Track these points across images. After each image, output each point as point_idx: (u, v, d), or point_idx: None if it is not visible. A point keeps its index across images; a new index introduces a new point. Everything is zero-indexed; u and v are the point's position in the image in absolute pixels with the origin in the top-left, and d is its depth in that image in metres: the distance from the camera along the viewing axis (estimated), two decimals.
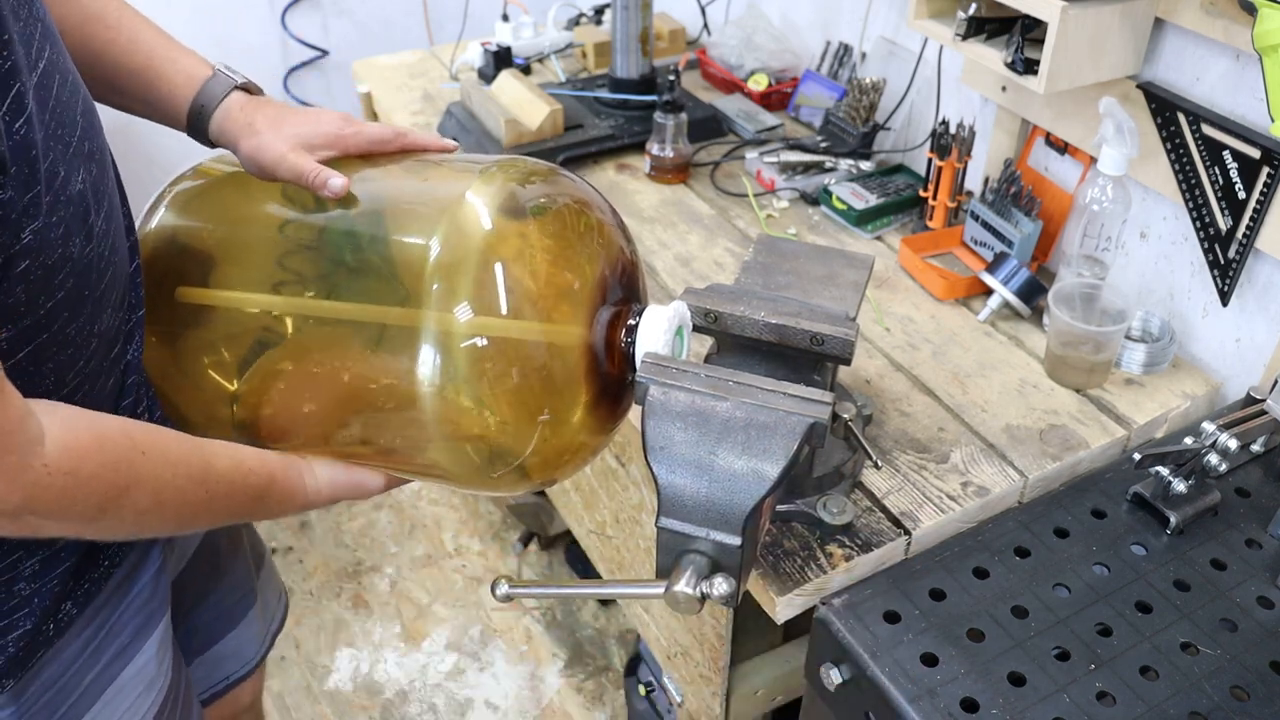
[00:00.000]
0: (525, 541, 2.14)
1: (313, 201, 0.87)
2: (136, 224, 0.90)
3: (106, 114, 0.97)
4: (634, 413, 0.96)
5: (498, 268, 0.78)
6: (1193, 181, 1.20)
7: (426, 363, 0.78)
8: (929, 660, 0.88)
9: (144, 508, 0.68)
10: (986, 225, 1.41)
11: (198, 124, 0.86)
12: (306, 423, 0.86)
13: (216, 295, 0.87)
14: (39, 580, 0.75)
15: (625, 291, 0.89)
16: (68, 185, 0.67)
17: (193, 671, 1.08)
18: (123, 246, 0.77)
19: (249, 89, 0.88)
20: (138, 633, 0.86)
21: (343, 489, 0.84)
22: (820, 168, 1.62)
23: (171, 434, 0.72)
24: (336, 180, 0.82)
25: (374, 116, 2.02)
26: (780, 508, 1.02)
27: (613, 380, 0.88)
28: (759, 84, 1.84)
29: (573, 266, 0.83)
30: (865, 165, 1.61)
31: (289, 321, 0.84)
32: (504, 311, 0.78)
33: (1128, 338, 1.25)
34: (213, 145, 0.88)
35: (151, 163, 2.36)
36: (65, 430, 0.63)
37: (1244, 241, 1.17)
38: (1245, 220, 1.15)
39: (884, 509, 1.06)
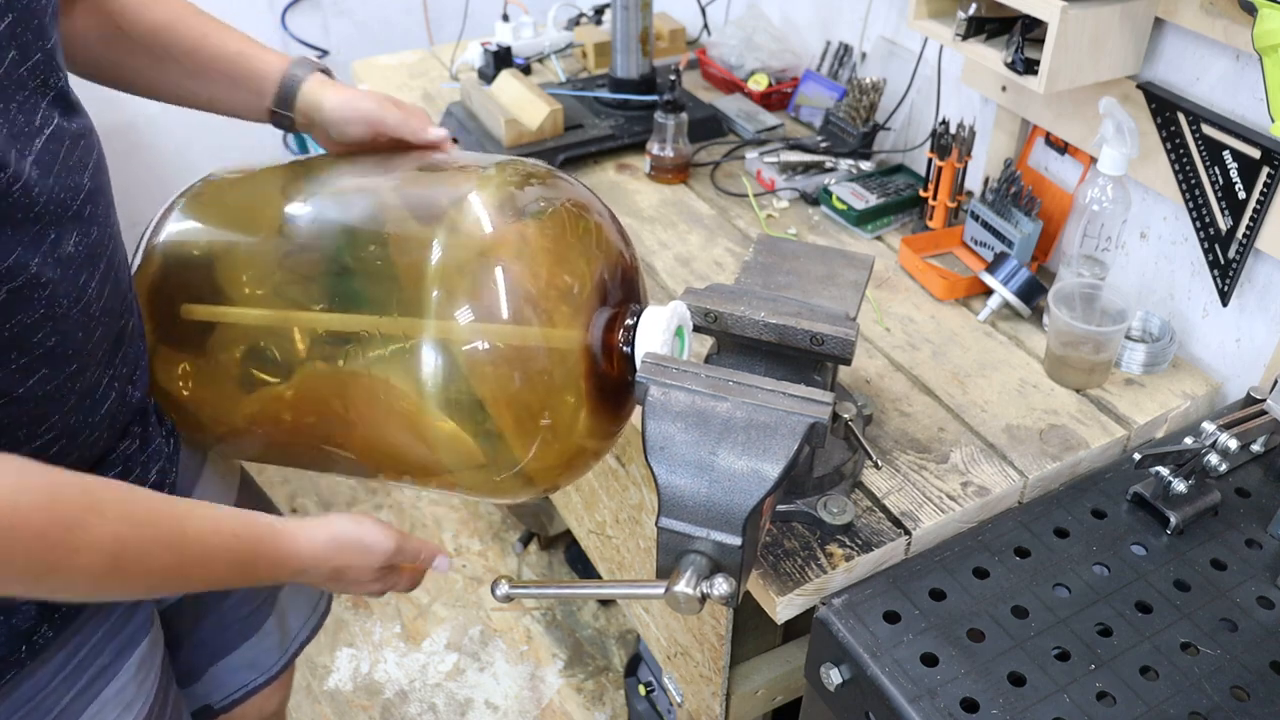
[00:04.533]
0: (525, 541, 2.14)
1: (313, 203, 0.89)
2: (144, 237, 0.91)
3: (105, 114, 0.98)
4: (634, 413, 0.96)
5: (498, 272, 0.79)
6: (1193, 181, 1.20)
7: (428, 367, 0.78)
8: (929, 660, 0.88)
9: (99, 572, 0.64)
10: (986, 225, 1.41)
11: (287, 95, 0.94)
12: (315, 430, 0.86)
13: (220, 312, 0.87)
14: (7, 599, 0.75)
15: (625, 294, 0.89)
16: (58, 247, 0.69)
17: (208, 681, 1.08)
18: (117, 306, 0.78)
19: (327, 71, 0.98)
20: (118, 654, 0.86)
21: (349, 548, 0.80)
22: (820, 168, 1.62)
23: (143, 495, 0.69)
24: (437, 131, 0.93)
25: None
26: (780, 508, 1.02)
27: (614, 383, 0.88)
28: (759, 84, 1.84)
29: (572, 269, 0.83)
30: (865, 165, 1.61)
31: (294, 332, 0.84)
32: (505, 316, 0.78)
33: (1128, 338, 1.25)
34: (291, 120, 0.96)
35: (150, 165, 2.36)
36: (12, 484, 0.60)
37: (1244, 241, 1.17)
38: (1245, 220, 1.15)
39: (884, 509, 1.06)
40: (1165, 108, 1.20)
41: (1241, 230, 1.16)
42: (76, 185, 0.70)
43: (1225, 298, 1.22)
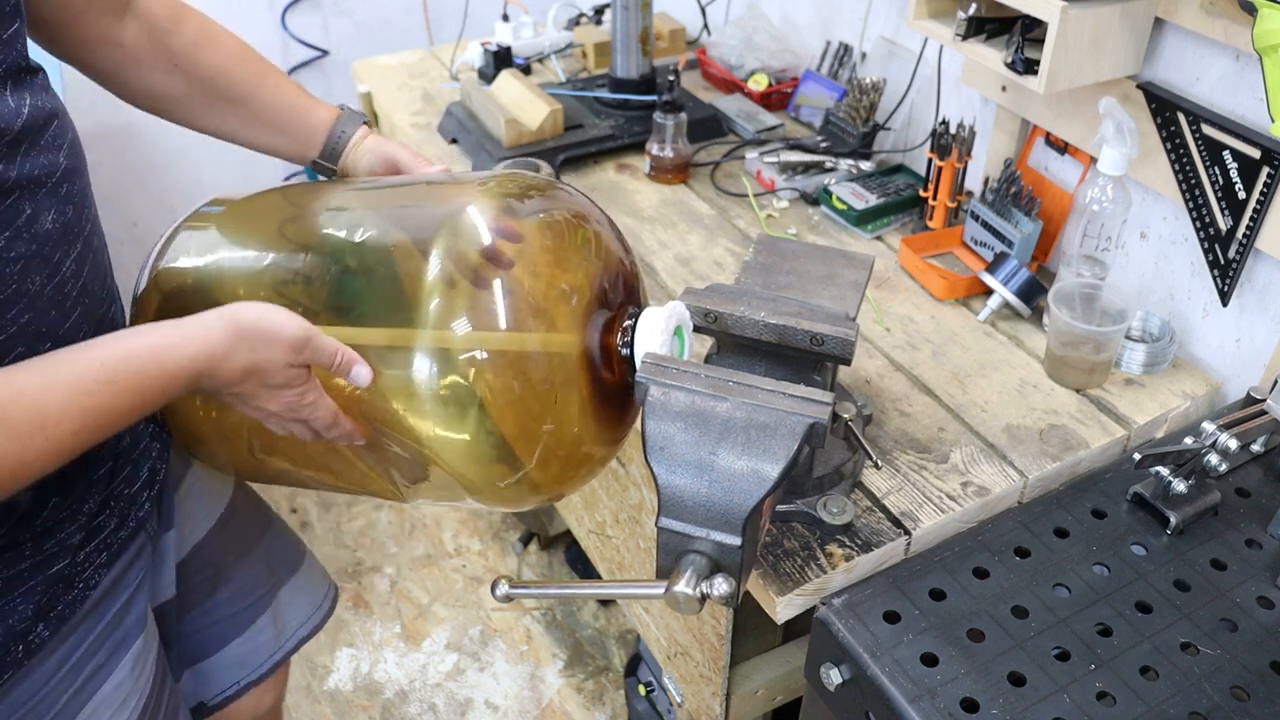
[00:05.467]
0: (525, 541, 2.14)
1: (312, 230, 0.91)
2: (150, 259, 0.92)
3: (106, 115, 0.98)
4: (638, 418, 0.96)
5: (497, 282, 0.79)
6: (1193, 181, 1.20)
7: (430, 378, 0.78)
8: (929, 660, 0.88)
9: None
10: (986, 225, 1.41)
11: (332, 152, 1.02)
12: (321, 442, 0.86)
13: None
14: (2, 598, 0.75)
15: (625, 301, 0.90)
16: (34, 223, 0.68)
17: (199, 677, 1.08)
18: (98, 288, 0.78)
19: (369, 124, 1.06)
20: (113, 651, 0.86)
21: (251, 334, 0.72)
22: (820, 168, 1.62)
23: None
24: (436, 167, 1.00)
25: (374, 116, 2.02)
26: (780, 508, 1.02)
27: (615, 388, 0.88)
28: (759, 84, 1.84)
29: (571, 278, 0.83)
30: (865, 165, 1.61)
31: None
32: (503, 325, 0.78)
33: (1128, 338, 1.25)
34: (334, 166, 1.03)
35: (151, 165, 2.37)
36: None
37: (1244, 241, 1.17)
38: (1245, 220, 1.15)
39: (884, 509, 1.06)
40: (1165, 108, 1.20)
41: (1241, 230, 1.16)
42: (52, 163, 0.71)
43: (1225, 298, 1.22)
